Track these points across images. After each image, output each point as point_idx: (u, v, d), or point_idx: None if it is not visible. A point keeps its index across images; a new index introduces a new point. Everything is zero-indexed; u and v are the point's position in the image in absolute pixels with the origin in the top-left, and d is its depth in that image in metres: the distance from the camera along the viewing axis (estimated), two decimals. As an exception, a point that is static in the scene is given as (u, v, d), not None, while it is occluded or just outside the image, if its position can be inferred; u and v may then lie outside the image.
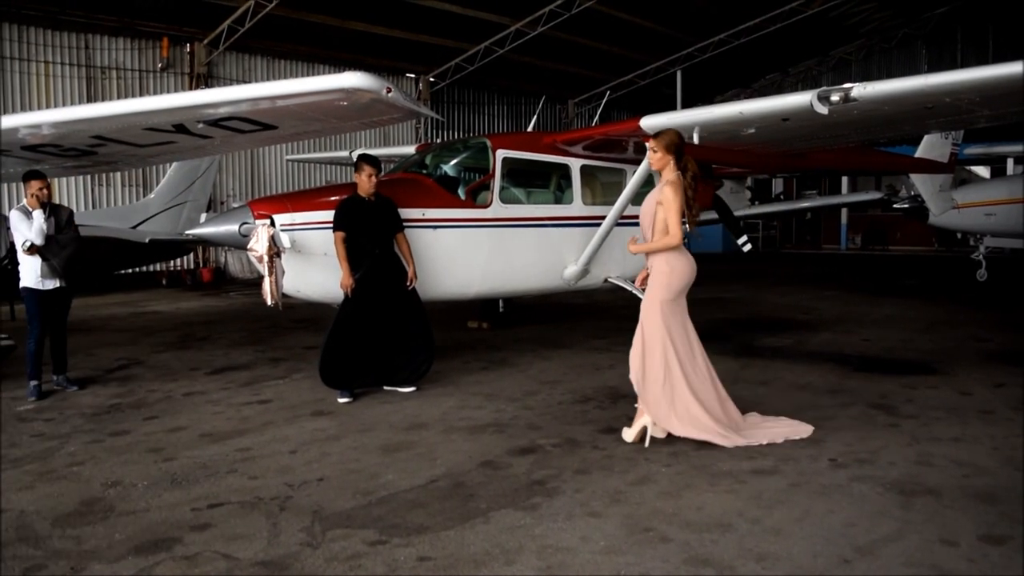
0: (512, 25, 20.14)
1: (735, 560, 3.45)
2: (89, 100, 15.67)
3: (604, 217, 7.99)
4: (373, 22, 18.49)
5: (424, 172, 8.16)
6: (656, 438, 5.10)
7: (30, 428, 5.83)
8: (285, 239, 6.61)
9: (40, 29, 15.48)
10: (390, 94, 5.19)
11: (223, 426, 5.79)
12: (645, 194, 5.54)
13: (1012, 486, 4.30)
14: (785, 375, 7.19)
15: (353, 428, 5.67)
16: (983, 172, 20.88)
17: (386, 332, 6.64)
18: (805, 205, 21.16)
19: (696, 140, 6.77)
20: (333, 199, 6.78)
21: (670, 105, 9.90)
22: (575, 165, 8.45)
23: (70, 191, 16.06)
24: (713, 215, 10.83)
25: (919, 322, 10.25)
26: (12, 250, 7.02)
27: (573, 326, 10.47)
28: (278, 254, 6.49)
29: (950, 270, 17.81)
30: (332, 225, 6.52)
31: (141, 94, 16.25)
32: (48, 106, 15.18)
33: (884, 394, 6.41)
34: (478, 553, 3.57)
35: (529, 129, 11.90)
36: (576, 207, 8.46)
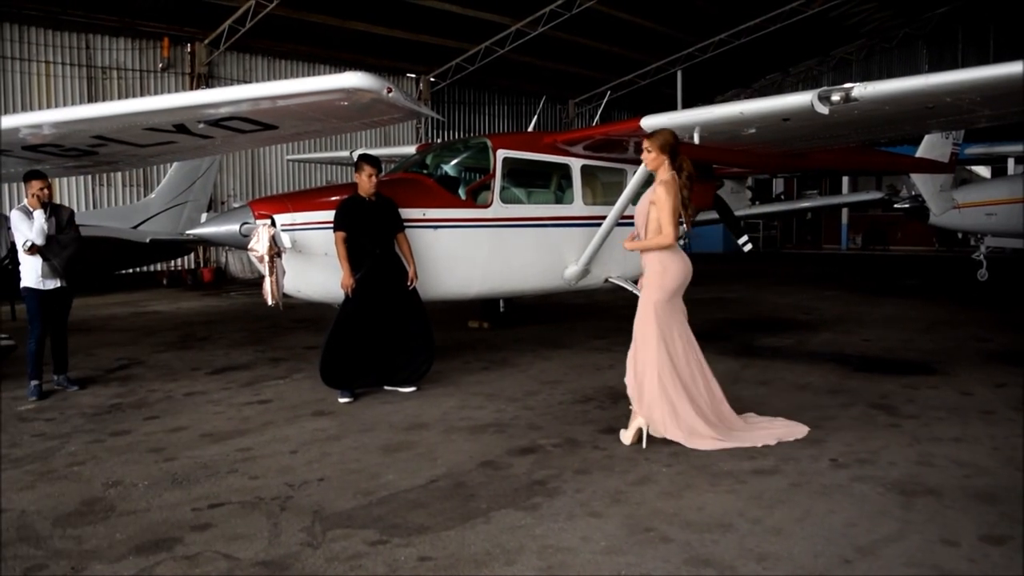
0: (512, 25, 20.15)
1: (736, 560, 3.45)
2: (90, 100, 15.67)
3: (604, 217, 8.00)
4: (374, 22, 18.49)
5: (425, 172, 8.16)
6: (654, 437, 5.08)
7: (31, 428, 5.83)
8: (286, 239, 6.61)
9: (41, 29, 15.49)
10: (391, 94, 5.19)
11: (224, 426, 5.79)
12: (645, 194, 5.53)
13: (1013, 486, 4.30)
14: (785, 375, 7.18)
15: (354, 428, 5.67)
16: (984, 172, 20.85)
17: (387, 332, 6.64)
18: (805, 205, 21.16)
19: (697, 140, 6.78)
20: (334, 199, 6.78)
21: (671, 105, 9.90)
22: (575, 165, 8.45)
23: (71, 191, 16.07)
24: (714, 215, 10.85)
25: (920, 322, 10.24)
26: (13, 250, 7.03)
27: (573, 326, 10.47)
28: (279, 254, 6.49)
29: (951, 270, 17.79)
30: (333, 225, 6.52)
31: (142, 94, 16.26)
32: (49, 106, 15.19)
33: (885, 394, 6.40)
34: (479, 553, 3.57)
35: (529, 129, 11.89)
36: (577, 207, 8.46)
